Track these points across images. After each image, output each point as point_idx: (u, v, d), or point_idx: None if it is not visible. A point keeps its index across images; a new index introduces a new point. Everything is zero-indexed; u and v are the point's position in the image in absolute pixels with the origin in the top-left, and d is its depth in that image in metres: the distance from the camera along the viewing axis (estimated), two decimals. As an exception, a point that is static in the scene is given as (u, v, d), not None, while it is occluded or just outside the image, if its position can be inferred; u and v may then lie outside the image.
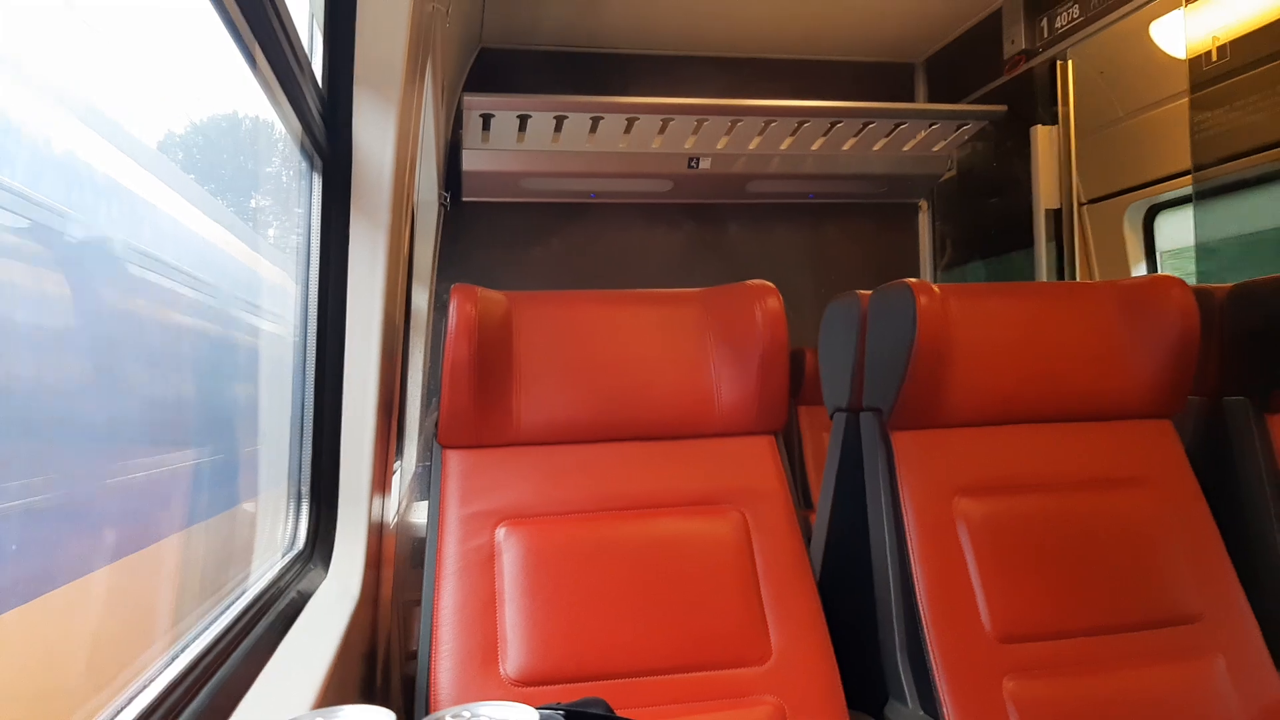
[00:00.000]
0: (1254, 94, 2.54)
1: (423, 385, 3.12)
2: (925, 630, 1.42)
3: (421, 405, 3.12)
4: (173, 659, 0.82)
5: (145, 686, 0.75)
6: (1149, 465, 1.61)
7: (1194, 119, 2.71)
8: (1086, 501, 1.56)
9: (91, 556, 0.75)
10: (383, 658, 1.47)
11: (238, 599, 1.04)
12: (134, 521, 0.87)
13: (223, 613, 0.98)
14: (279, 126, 1.19)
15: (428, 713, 1.20)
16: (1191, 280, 2.18)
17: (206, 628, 0.92)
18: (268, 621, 1.02)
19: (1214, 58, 2.63)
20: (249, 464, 1.31)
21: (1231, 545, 1.57)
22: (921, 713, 1.41)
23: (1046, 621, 1.46)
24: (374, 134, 1.27)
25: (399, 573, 1.79)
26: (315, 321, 1.29)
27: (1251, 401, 1.75)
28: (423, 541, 1.39)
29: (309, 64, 1.16)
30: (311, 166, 1.29)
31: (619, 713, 0.90)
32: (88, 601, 0.74)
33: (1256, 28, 2.51)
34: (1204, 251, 2.61)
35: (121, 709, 0.70)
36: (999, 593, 1.46)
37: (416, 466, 2.95)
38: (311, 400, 1.30)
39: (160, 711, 0.73)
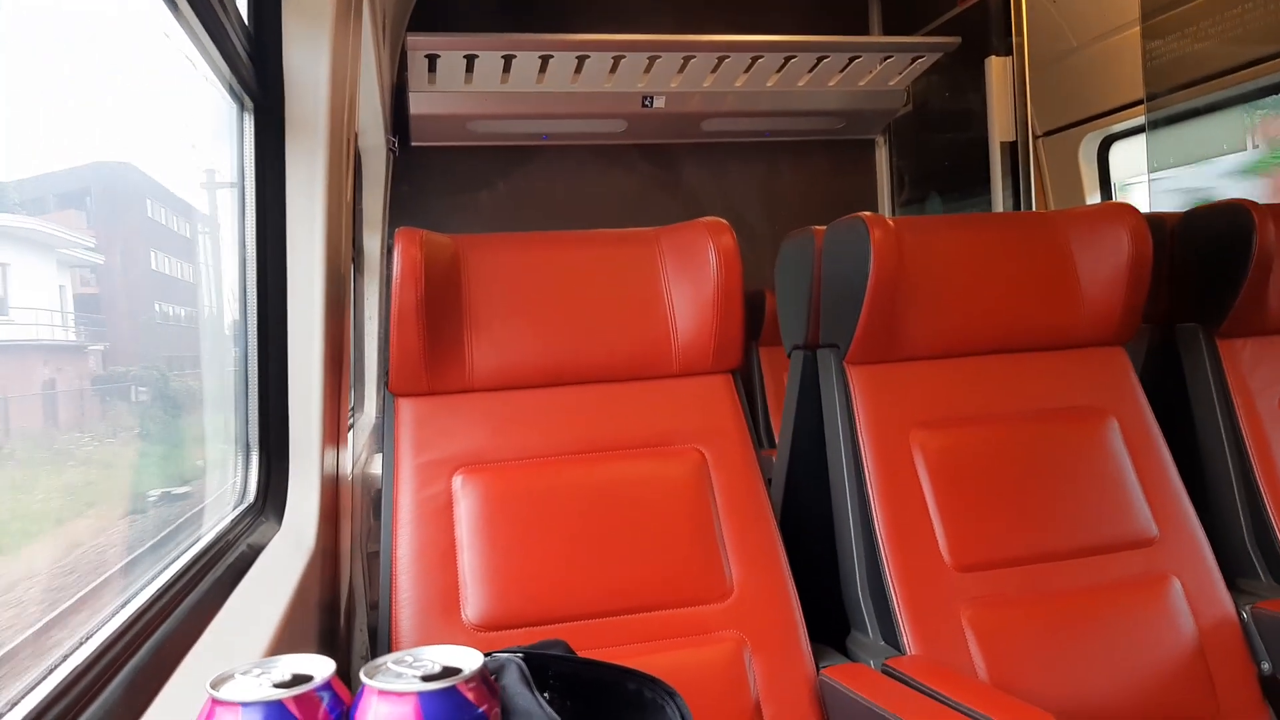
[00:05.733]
0: (1204, 19, 2.54)
1: (379, 336, 3.08)
2: (885, 562, 1.44)
3: (379, 356, 3.08)
4: (113, 614, 0.80)
5: (83, 642, 0.73)
6: (1103, 392, 1.62)
7: (1146, 47, 2.70)
8: (1042, 430, 1.57)
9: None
10: (345, 609, 1.46)
11: (184, 553, 1.01)
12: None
13: (167, 567, 0.95)
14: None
15: None
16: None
17: (149, 582, 0.89)
18: (216, 575, 0.99)
19: (1165, -16, 2.62)
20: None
21: (1183, 468, 1.59)
22: (882, 643, 1.43)
23: (1003, 549, 1.47)
24: (307, 71, 1.21)
25: (361, 524, 1.77)
26: (254, 269, 1.25)
27: (1202, 327, 1.77)
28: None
29: None
30: (242, 108, 1.24)
31: (581, 654, 0.89)
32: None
33: (1207, -48, 2.50)
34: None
35: (56, 666, 0.68)
36: (956, 523, 1.47)
37: (376, 417, 2.91)
38: (256, 351, 1.26)
39: (100, 665, 0.71)
